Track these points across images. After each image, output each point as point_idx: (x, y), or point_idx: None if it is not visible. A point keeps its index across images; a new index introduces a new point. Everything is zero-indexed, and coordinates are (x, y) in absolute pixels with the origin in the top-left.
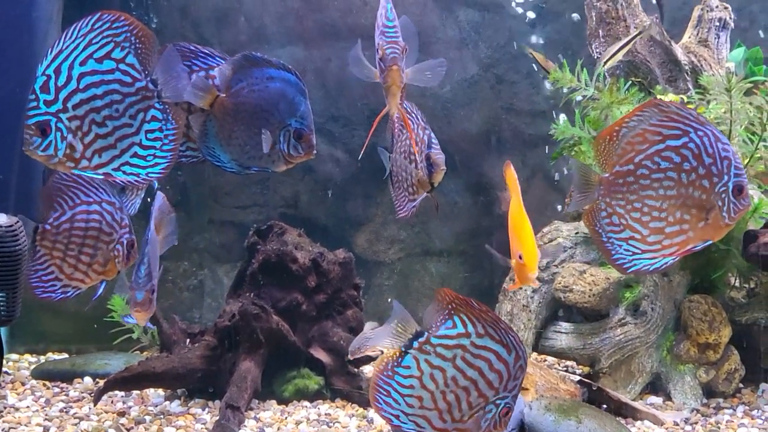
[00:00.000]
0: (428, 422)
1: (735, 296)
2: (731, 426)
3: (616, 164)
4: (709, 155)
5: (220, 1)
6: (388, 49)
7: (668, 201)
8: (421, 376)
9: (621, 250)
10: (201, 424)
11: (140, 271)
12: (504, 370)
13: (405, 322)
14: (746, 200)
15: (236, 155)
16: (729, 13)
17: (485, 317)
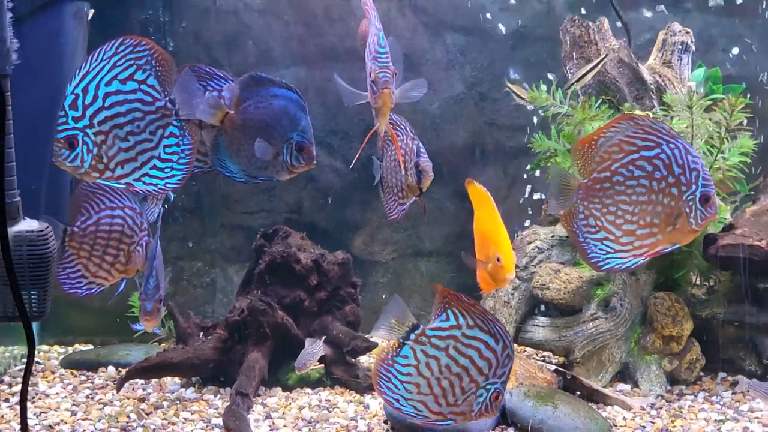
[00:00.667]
0: (425, 406)
1: (696, 293)
2: (692, 411)
3: (594, 171)
4: (678, 166)
5: (230, 26)
6: (380, 74)
7: (640, 206)
8: (418, 365)
9: (596, 249)
10: (213, 409)
11: (149, 283)
12: (492, 357)
13: (402, 316)
14: (713, 209)
15: (244, 166)
16: (690, 38)
17: (474, 310)
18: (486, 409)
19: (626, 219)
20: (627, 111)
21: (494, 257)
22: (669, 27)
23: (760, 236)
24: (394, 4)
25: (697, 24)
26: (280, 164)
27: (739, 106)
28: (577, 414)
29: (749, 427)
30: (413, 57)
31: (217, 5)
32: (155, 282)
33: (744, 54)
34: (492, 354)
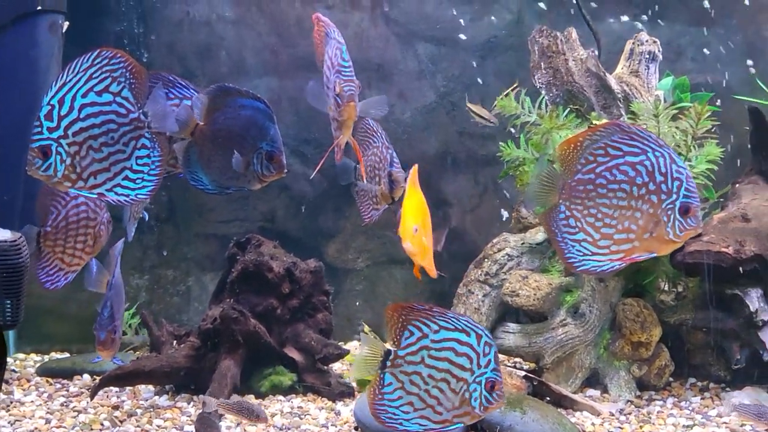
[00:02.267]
0: (428, 419)
1: (664, 299)
2: (661, 416)
3: (579, 172)
4: (661, 174)
5: (204, 37)
6: (345, 87)
7: (619, 210)
8: (403, 385)
9: (573, 250)
10: (186, 416)
11: (103, 314)
12: (470, 351)
13: (373, 347)
14: (693, 220)
15: (216, 177)
16: (657, 47)
17: (433, 314)
18: (487, 401)
19: (605, 222)
20: (594, 120)
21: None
22: (636, 37)
23: (727, 243)
24: (367, 15)
25: (666, 33)
26: (251, 174)
27: (705, 114)
28: (546, 420)
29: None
30: (385, 67)
31: (191, 17)
32: (109, 312)
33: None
34: (468, 348)
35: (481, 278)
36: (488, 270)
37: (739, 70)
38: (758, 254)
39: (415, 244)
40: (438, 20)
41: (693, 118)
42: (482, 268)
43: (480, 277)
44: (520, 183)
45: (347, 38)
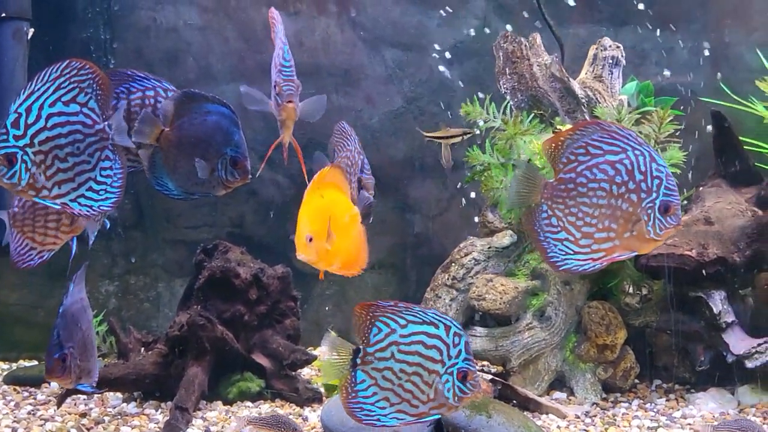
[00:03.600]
0: (405, 413)
1: (629, 302)
2: (626, 418)
3: (561, 171)
4: (641, 172)
5: (171, 43)
6: (285, 87)
7: (600, 209)
8: (376, 381)
9: (556, 249)
10: (154, 423)
11: (52, 339)
12: (439, 343)
13: (340, 348)
14: (674, 219)
15: (181, 183)
16: (621, 52)
17: (399, 309)
18: (461, 391)
19: (586, 221)
20: (558, 125)
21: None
22: (600, 42)
23: (690, 246)
24: (333, 21)
25: (630, 38)
26: (216, 180)
27: (667, 118)
28: (511, 423)
29: None
30: (352, 72)
31: (158, 23)
32: (56, 340)
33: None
34: (437, 340)
35: (448, 282)
36: (455, 274)
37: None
38: (721, 257)
39: (311, 254)
40: (405, 25)
41: (656, 123)
42: (449, 273)
43: (447, 281)
44: (485, 188)
45: (314, 44)
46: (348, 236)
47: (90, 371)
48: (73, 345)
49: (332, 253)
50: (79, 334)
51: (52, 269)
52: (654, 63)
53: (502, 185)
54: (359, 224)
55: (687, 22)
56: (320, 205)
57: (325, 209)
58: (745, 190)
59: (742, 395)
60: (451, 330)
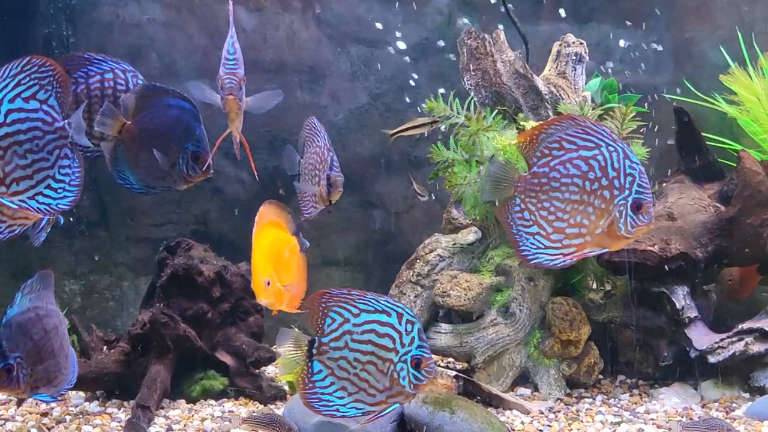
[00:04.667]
0: (363, 402)
1: (593, 298)
2: (590, 413)
3: (534, 165)
4: (614, 169)
5: (134, 39)
6: (226, 80)
7: (571, 204)
8: (333, 371)
9: (527, 243)
10: (116, 422)
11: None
12: (391, 331)
13: (295, 341)
14: (645, 217)
15: (142, 176)
16: (584, 48)
17: (352, 297)
18: (416, 378)
19: (558, 216)
20: (522, 121)
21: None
22: (563, 38)
23: (653, 241)
24: (298, 17)
25: (595, 35)
26: (177, 174)
27: (630, 114)
28: (474, 419)
29: (644, 429)
30: (317, 69)
31: (121, 19)
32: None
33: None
34: (389, 328)
35: (412, 279)
36: (420, 271)
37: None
38: (684, 252)
39: (270, 296)
40: (370, 22)
41: (618, 119)
42: (414, 269)
43: (412, 278)
44: (449, 184)
45: (278, 40)
46: (291, 270)
47: (50, 380)
48: (22, 355)
49: (284, 291)
50: (30, 344)
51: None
52: (618, 60)
53: (465, 181)
54: (298, 253)
55: (651, 19)
56: (267, 246)
57: (272, 250)
58: (708, 185)
59: (705, 390)
60: (404, 318)
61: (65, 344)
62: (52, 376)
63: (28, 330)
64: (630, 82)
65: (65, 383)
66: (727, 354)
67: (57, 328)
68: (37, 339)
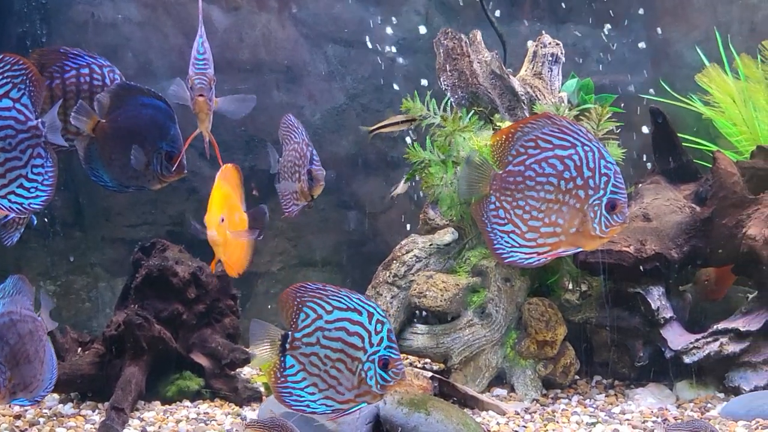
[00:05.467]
0: (332, 399)
1: (569, 298)
2: (565, 414)
3: (510, 164)
4: (589, 169)
5: (110, 38)
6: (196, 80)
7: (546, 204)
8: (305, 367)
9: (502, 241)
10: (90, 424)
11: None
12: (361, 330)
13: (269, 334)
14: (620, 217)
15: (116, 175)
16: (560, 49)
17: (327, 293)
18: (383, 379)
19: (533, 215)
20: (498, 122)
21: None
22: (539, 39)
23: (629, 242)
24: (274, 17)
25: (572, 35)
26: (151, 174)
27: (605, 115)
28: (450, 420)
29: (619, 429)
30: (294, 69)
31: (96, 18)
32: None
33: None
34: (359, 327)
35: (389, 280)
36: (396, 272)
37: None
38: (659, 253)
39: (221, 234)
40: (347, 22)
41: (594, 120)
42: (390, 270)
43: (388, 278)
44: (425, 185)
45: (255, 40)
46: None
47: (26, 385)
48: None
49: (227, 244)
50: (6, 349)
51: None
52: (595, 60)
53: (442, 182)
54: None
55: (628, 20)
56: (229, 192)
57: (231, 198)
58: (683, 186)
59: (680, 390)
60: (374, 317)
61: (41, 349)
62: (28, 381)
63: (3, 335)
64: (606, 82)
65: (41, 389)
66: (702, 354)
67: (32, 333)
68: (12, 344)
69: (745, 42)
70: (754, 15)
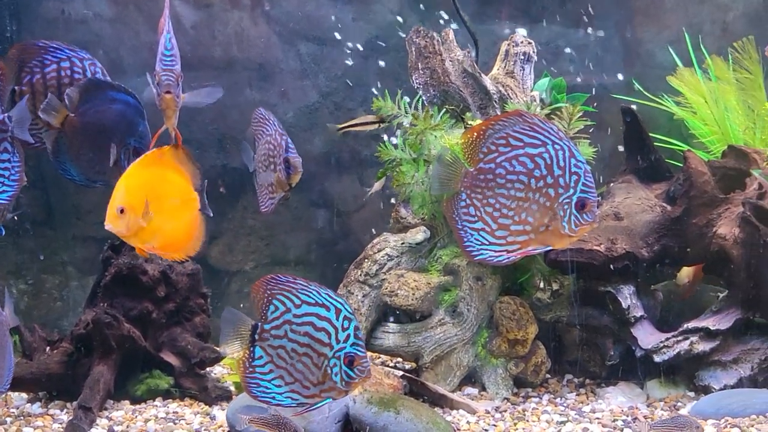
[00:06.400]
0: (297, 393)
1: (541, 297)
2: (536, 413)
3: (481, 161)
4: (560, 167)
5: (80, 35)
6: (163, 77)
7: (517, 202)
8: (272, 359)
9: (472, 238)
10: (58, 424)
11: None
12: (328, 325)
13: (239, 324)
14: (590, 216)
15: (83, 170)
16: (532, 48)
17: (296, 286)
18: (348, 376)
19: (502, 213)
20: (470, 120)
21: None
22: (512, 38)
23: (599, 241)
24: (247, 14)
25: (545, 35)
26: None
27: (577, 114)
28: (419, 419)
29: (589, 427)
30: (267, 67)
31: (66, 15)
32: None
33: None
34: (326, 323)
35: (360, 279)
36: (368, 270)
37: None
38: (629, 252)
39: (119, 226)
40: (320, 20)
41: (565, 119)
42: (362, 269)
43: (360, 277)
44: (397, 183)
45: (227, 37)
46: (176, 219)
47: None
48: None
49: (148, 231)
50: None
51: None
52: (568, 60)
53: (413, 181)
54: (195, 210)
55: (601, 19)
56: (143, 179)
57: (148, 184)
58: (655, 185)
59: (651, 389)
60: (342, 314)
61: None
62: None
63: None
64: (579, 81)
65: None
66: (672, 353)
67: None
68: None
69: (717, 42)
70: (726, 15)
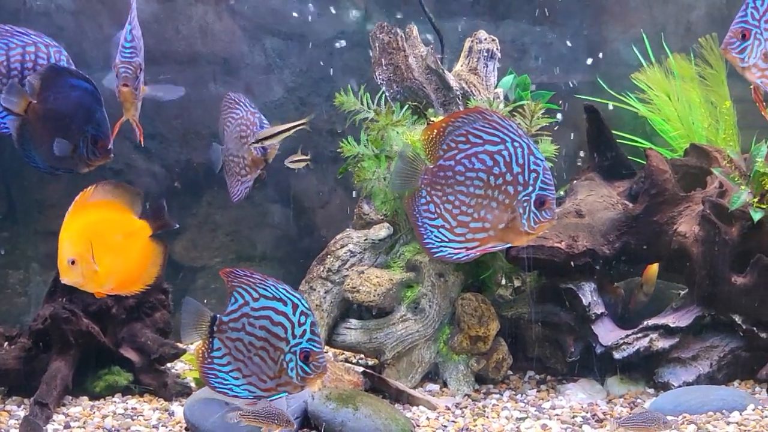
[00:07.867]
0: (254, 385)
1: (503, 294)
2: (496, 409)
3: (441, 158)
4: (519, 165)
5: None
6: (121, 68)
7: (476, 199)
8: (230, 351)
9: (432, 235)
10: (15, 419)
11: None
12: (285, 320)
13: (198, 315)
14: (548, 213)
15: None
16: (496, 45)
17: (254, 280)
18: (304, 371)
19: (462, 210)
20: (432, 117)
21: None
22: (475, 35)
23: (561, 238)
24: (211, 8)
25: (511, 32)
26: (78, 157)
27: (539, 111)
28: (378, 415)
29: (548, 424)
30: (232, 61)
31: (28, 6)
32: None
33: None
34: (283, 317)
35: (323, 275)
36: (330, 266)
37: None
38: (591, 249)
39: (76, 277)
40: (285, 14)
41: (528, 116)
42: (324, 265)
43: (322, 273)
44: (359, 179)
45: (191, 31)
46: (125, 254)
47: None
48: None
49: (102, 273)
50: None
51: None
52: (533, 57)
53: (375, 177)
54: (144, 238)
55: (566, 17)
56: (83, 225)
57: (90, 229)
58: (618, 183)
59: (611, 386)
60: (298, 309)
61: None
62: None
63: None
64: (544, 79)
65: None
66: (632, 350)
67: None
68: None
69: (681, 41)
70: (690, 14)
